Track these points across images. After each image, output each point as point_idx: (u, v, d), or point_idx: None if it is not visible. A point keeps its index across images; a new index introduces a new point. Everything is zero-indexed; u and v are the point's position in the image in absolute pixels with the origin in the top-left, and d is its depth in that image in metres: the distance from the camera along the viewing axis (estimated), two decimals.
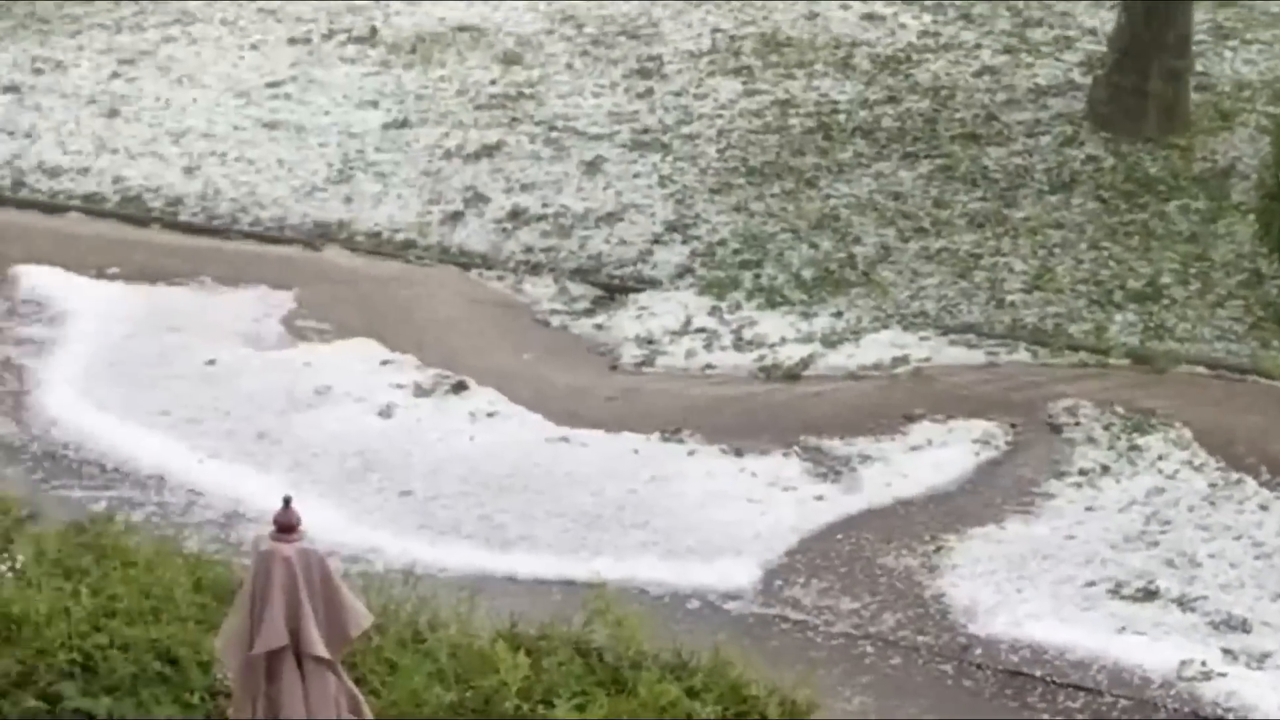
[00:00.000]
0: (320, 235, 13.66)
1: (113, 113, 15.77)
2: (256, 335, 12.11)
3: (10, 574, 7.53)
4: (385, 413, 11.08)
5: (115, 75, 16.63)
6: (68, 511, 9.01)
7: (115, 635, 7.27)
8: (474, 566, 9.53)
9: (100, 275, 13.05)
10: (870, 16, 17.58)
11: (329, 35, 17.45)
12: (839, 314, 12.35)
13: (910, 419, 11.03)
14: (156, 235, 13.85)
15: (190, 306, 12.52)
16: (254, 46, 17.28)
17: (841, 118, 15.36)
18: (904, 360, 11.78)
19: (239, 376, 11.47)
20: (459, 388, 11.35)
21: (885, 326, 12.21)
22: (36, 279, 12.91)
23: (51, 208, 14.30)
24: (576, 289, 12.91)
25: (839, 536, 9.99)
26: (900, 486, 10.42)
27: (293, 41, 17.35)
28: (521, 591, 9.21)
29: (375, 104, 15.83)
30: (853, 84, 16.04)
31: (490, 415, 11.09)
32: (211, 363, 11.65)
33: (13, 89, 16.36)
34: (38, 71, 16.77)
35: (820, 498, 10.32)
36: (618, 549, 9.77)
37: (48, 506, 9.03)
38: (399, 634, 7.45)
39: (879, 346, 11.94)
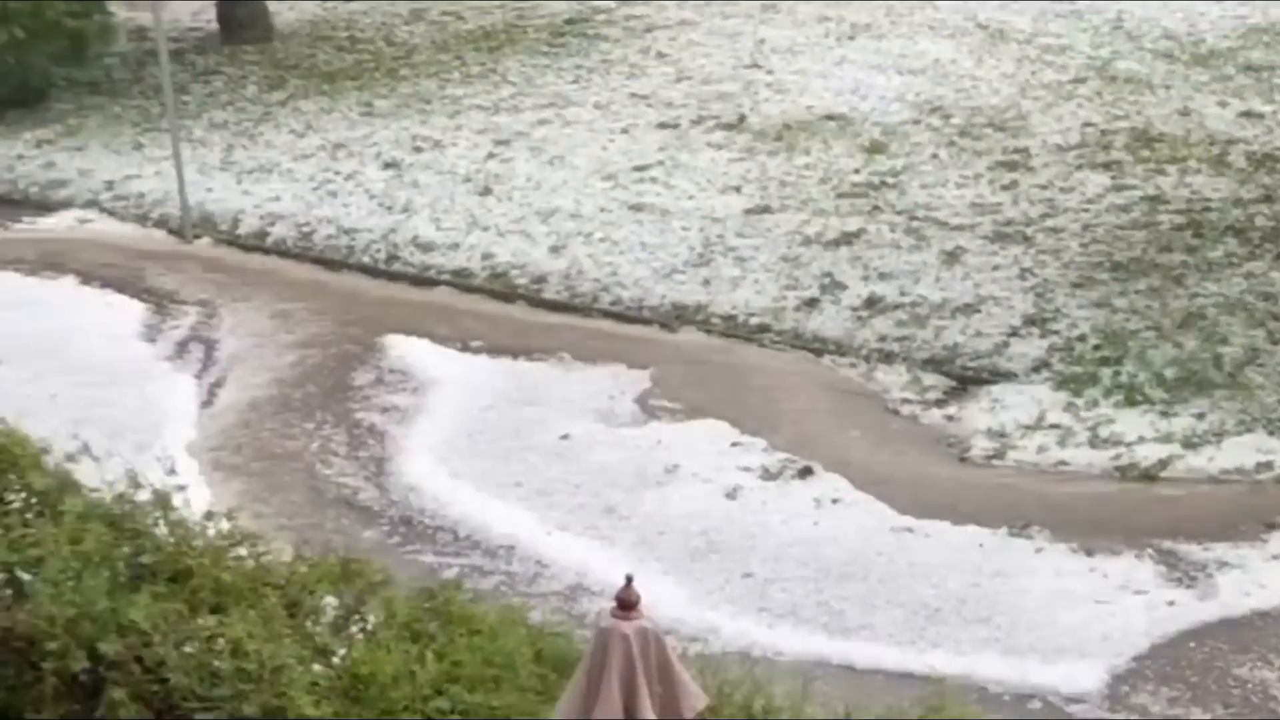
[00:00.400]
0: (677, 316, 13.84)
1: (486, 191, 16.31)
2: (610, 412, 12.31)
3: (361, 635, 7.75)
4: (731, 494, 11.13)
5: (490, 155, 17.22)
6: (419, 576, 9.26)
7: (457, 701, 7.40)
8: (811, 652, 9.44)
9: (465, 348, 13.48)
10: (1248, 114, 17.09)
11: (697, 121, 17.77)
12: (1201, 415, 11.93)
13: (1272, 527, 10.58)
14: (520, 311, 14.25)
15: (548, 381, 12.81)
16: (624, 130, 17.69)
17: (1213, 215, 14.91)
18: (1268, 466, 11.31)
19: (591, 451, 11.66)
20: (805, 473, 11.33)
21: (1250, 430, 11.73)
22: (404, 349, 13.42)
23: (422, 281, 14.87)
24: (929, 379, 12.78)
25: (1191, 644, 9.62)
26: (1259, 597, 9.98)
27: (662, 126, 17.71)
28: (857, 680, 9.10)
29: (738, 189, 16.01)
30: (1226, 181, 15.57)
31: (835, 501, 11.03)
32: (565, 437, 11.88)
33: (393, 165, 17.10)
34: (417, 149, 17.49)
35: (1172, 603, 9.95)
36: (957, 643, 9.59)
37: (401, 570, 9.30)
38: (733, 716, 7.43)
39: (1242, 450, 11.49)
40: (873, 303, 13.74)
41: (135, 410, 12.32)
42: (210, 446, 11.93)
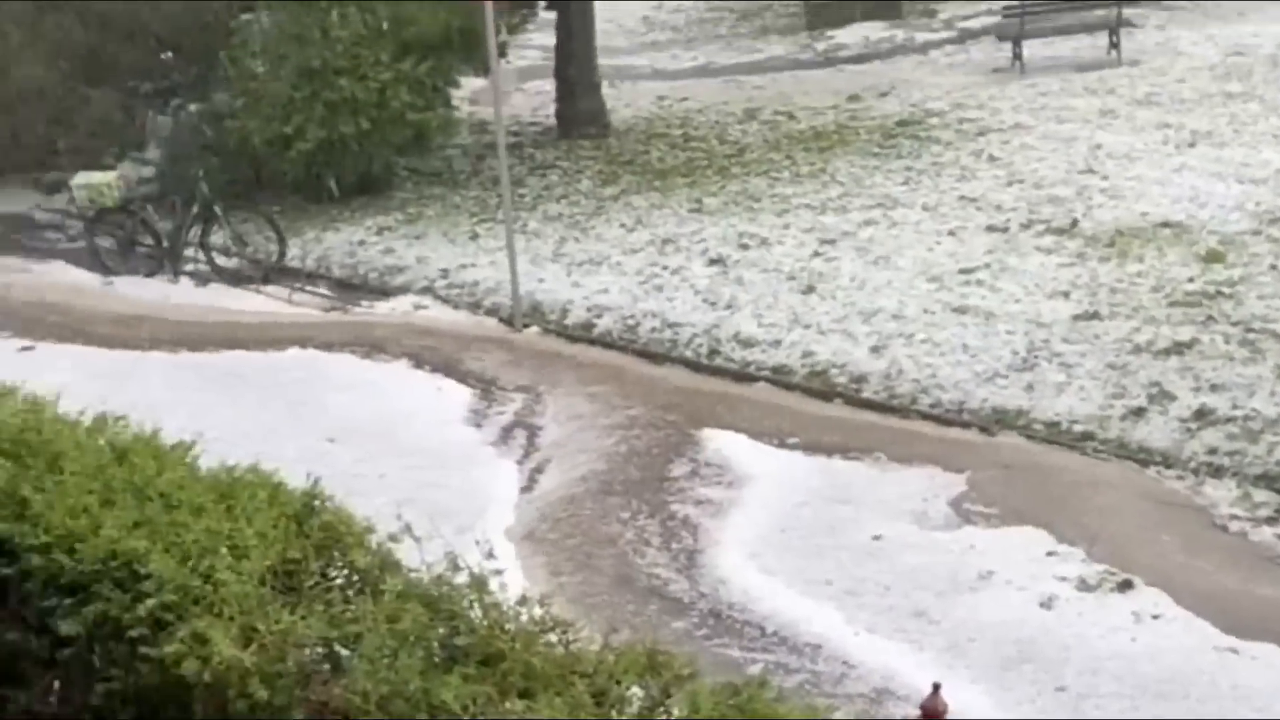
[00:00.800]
0: (997, 421, 13.66)
1: (809, 289, 16.37)
2: (924, 514, 12.18)
3: None
4: (1047, 604, 10.88)
5: (816, 254, 17.29)
6: (725, 670, 9.27)
7: None
8: None
9: (781, 444, 13.51)
10: None
11: (1027, 225, 17.58)
12: None
13: None
14: (838, 409, 14.23)
15: (862, 481, 12.75)
16: (951, 233, 17.60)
17: None
18: None
19: (902, 553, 11.55)
20: (1125, 586, 11.02)
21: None
22: (721, 443, 13.51)
23: (743, 376, 14.97)
24: (1260, 495, 12.32)
25: None
26: None
27: (990, 229, 17.57)
28: None
29: (1066, 295, 15.76)
30: None
31: (1155, 617, 10.69)
32: (878, 538, 11.80)
33: (719, 261, 17.29)
34: (744, 246, 17.67)
35: None
36: None
37: (706, 663, 9.33)
38: None
39: None
40: (1203, 415, 13.34)
41: (458, 493, 12.63)
42: (528, 531, 12.16)
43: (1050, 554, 11.46)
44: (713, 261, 17.36)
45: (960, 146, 20.48)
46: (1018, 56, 24.21)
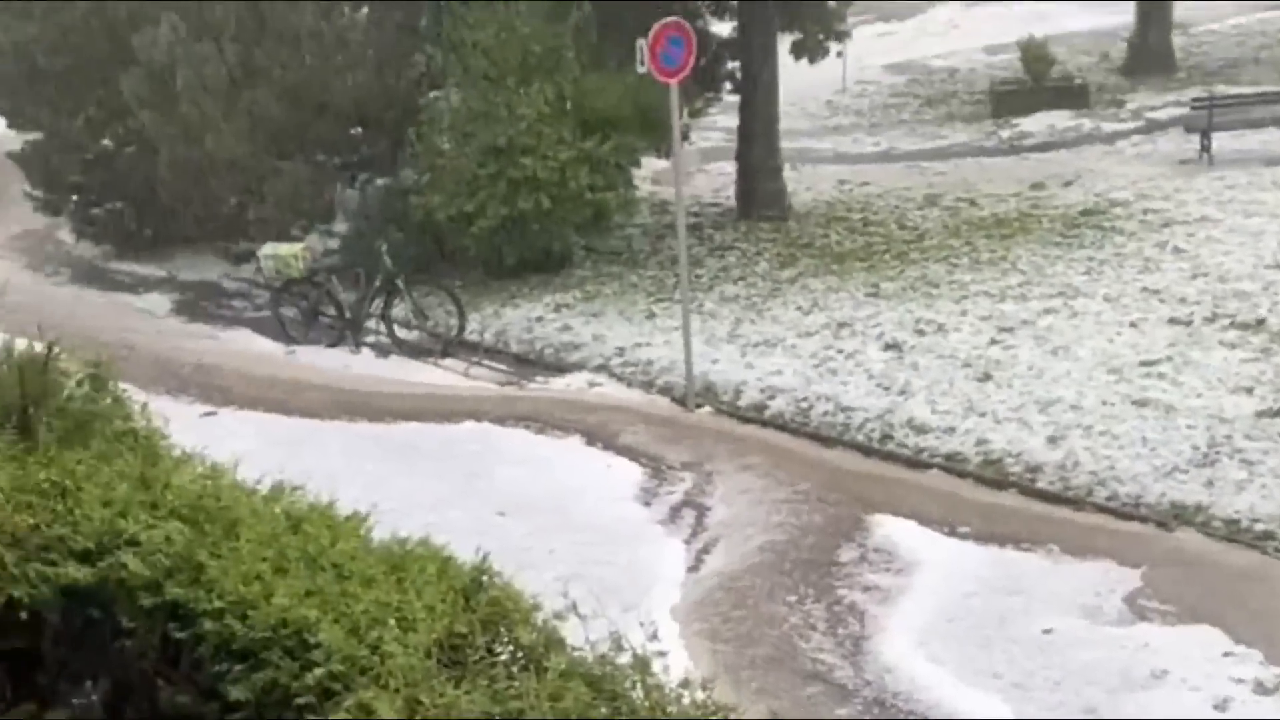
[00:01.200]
0: (1175, 516, 13.40)
1: (985, 377, 16.23)
2: (1096, 609, 11.97)
3: None
4: (1221, 706, 10.63)
5: (993, 342, 17.15)
6: None
7: None
8: None
9: (951, 532, 13.38)
10: None
11: (1211, 319, 17.29)
12: None
13: None
14: (1011, 499, 14.06)
15: (1035, 572, 12.57)
16: (1133, 324, 17.36)
17: None
18: None
19: (1074, 648, 11.35)
20: None
21: None
22: (891, 529, 13.42)
23: (915, 463, 14.87)
24: None
25: None
26: None
27: (1173, 322, 17.30)
28: None
29: (1250, 390, 15.44)
30: None
31: None
32: (1048, 631, 11.61)
33: (894, 347, 17.21)
34: (920, 332, 17.58)
35: None
36: None
37: None
38: None
39: None
40: None
41: (625, 570, 12.67)
42: (692, 612, 12.14)
43: (1227, 654, 11.20)
44: (888, 346, 17.29)
45: (1144, 238, 20.23)
46: (1206, 149, 23.89)
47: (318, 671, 5.39)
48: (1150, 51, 29.67)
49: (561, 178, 20.02)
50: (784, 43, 23.46)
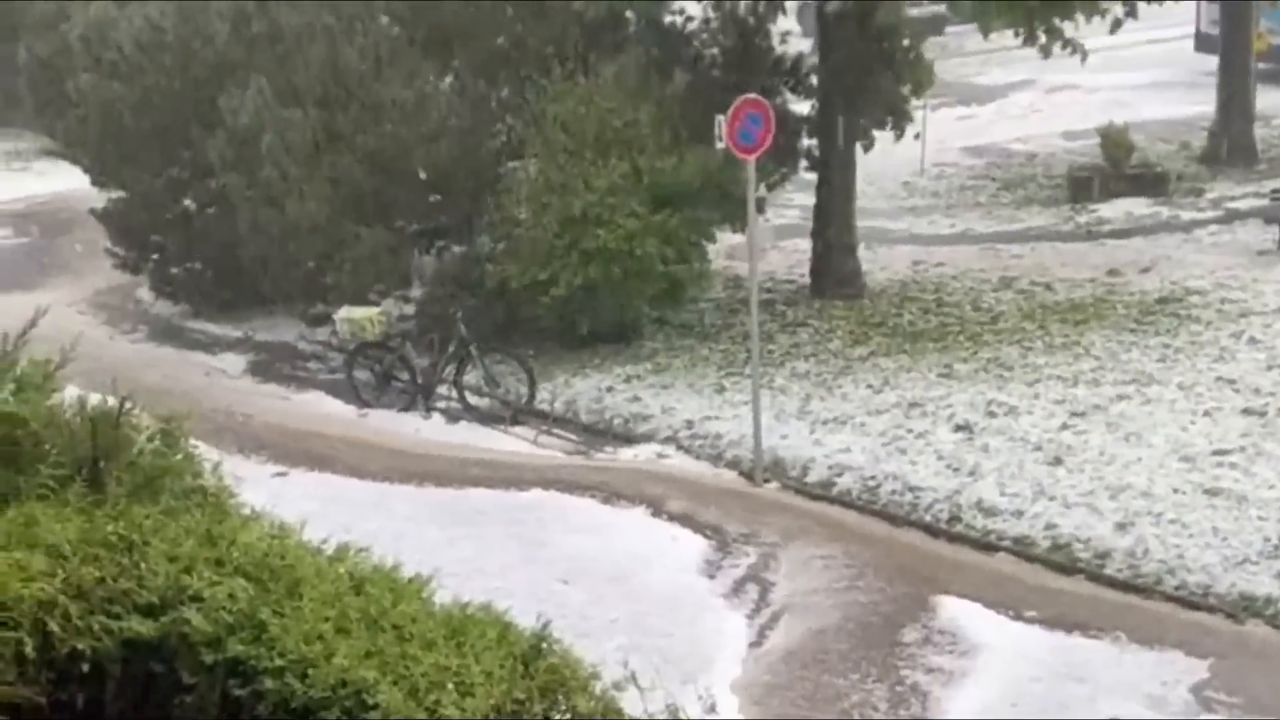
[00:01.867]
0: (1245, 608, 13.24)
1: (1056, 461, 16.12)
2: (1162, 699, 11.85)
3: None
4: None
5: (1064, 426, 17.04)
6: None
7: None
8: None
9: (1017, 616, 13.28)
10: None
11: None
12: None
13: None
14: (1078, 585, 13.94)
15: (1100, 660, 12.46)
16: (1206, 413, 17.20)
17: None
18: None
19: None
20: None
21: None
22: (956, 611, 13.33)
23: (982, 545, 14.77)
24: None
25: None
26: None
27: (1247, 412, 17.13)
28: None
29: None
30: None
31: None
32: None
33: (965, 428, 17.13)
34: (991, 414, 17.49)
35: None
36: None
37: None
38: None
39: None
40: None
41: (686, 643, 12.65)
42: (753, 687, 12.10)
43: None
44: (959, 428, 17.21)
45: (1220, 327, 20.08)
46: None
47: None
48: (1231, 141, 29.54)
49: (629, 247, 20.06)
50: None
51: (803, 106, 23.29)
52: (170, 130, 23.25)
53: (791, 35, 25.59)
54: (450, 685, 5.65)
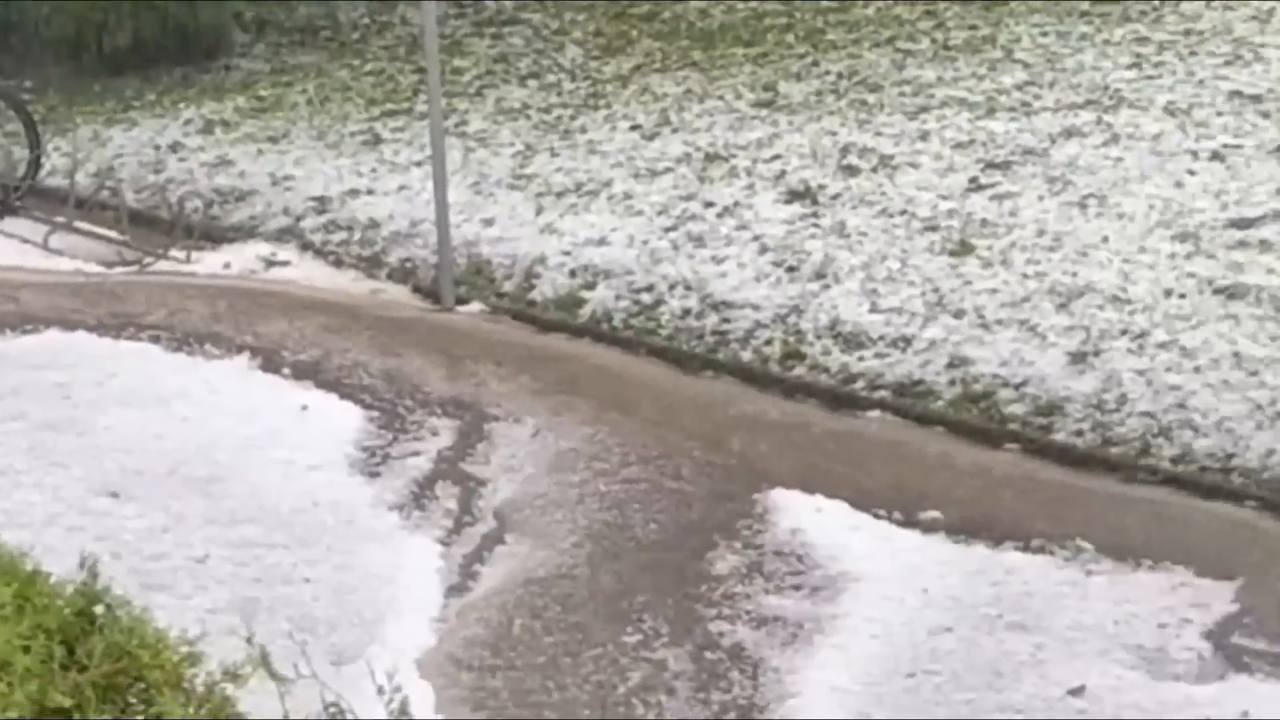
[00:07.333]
0: None
1: (962, 249, 16.53)
2: (1162, 653, 11.89)
3: None
4: None
5: (976, 186, 17.48)
6: None
7: None
8: None
9: (908, 521, 13.34)
10: None
11: None
12: None
13: None
14: (1010, 461, 14.12)
15: (1051, 590, 12.52)
16: (1216, 155, 17.75)
17: None
18: None
19: None
20: None
21: None
22: (800, 515, 13.29)
23: (842, 399, 15.01)
24: None
25: None
26: None
27: None
28: None
29: None
30: None
31: None
32: (1077, 692, 11.63)
33: (804, 195, 17.43)
34: (849, 170, 17.85)
35: None
36: None
37: None
38: None
39: None
40: None
41: (340, 594, 12.56)
42: (461, 668, 12.07)
43: None
44: (794, 195, 17.32)
45: (1233, 4, 20.42)
46: None
47: None
48: None
49: None
50: None
51: None
52: None
53: None
54: None
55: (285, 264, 17.59)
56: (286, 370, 15.59)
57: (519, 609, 12.66)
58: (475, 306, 16.62)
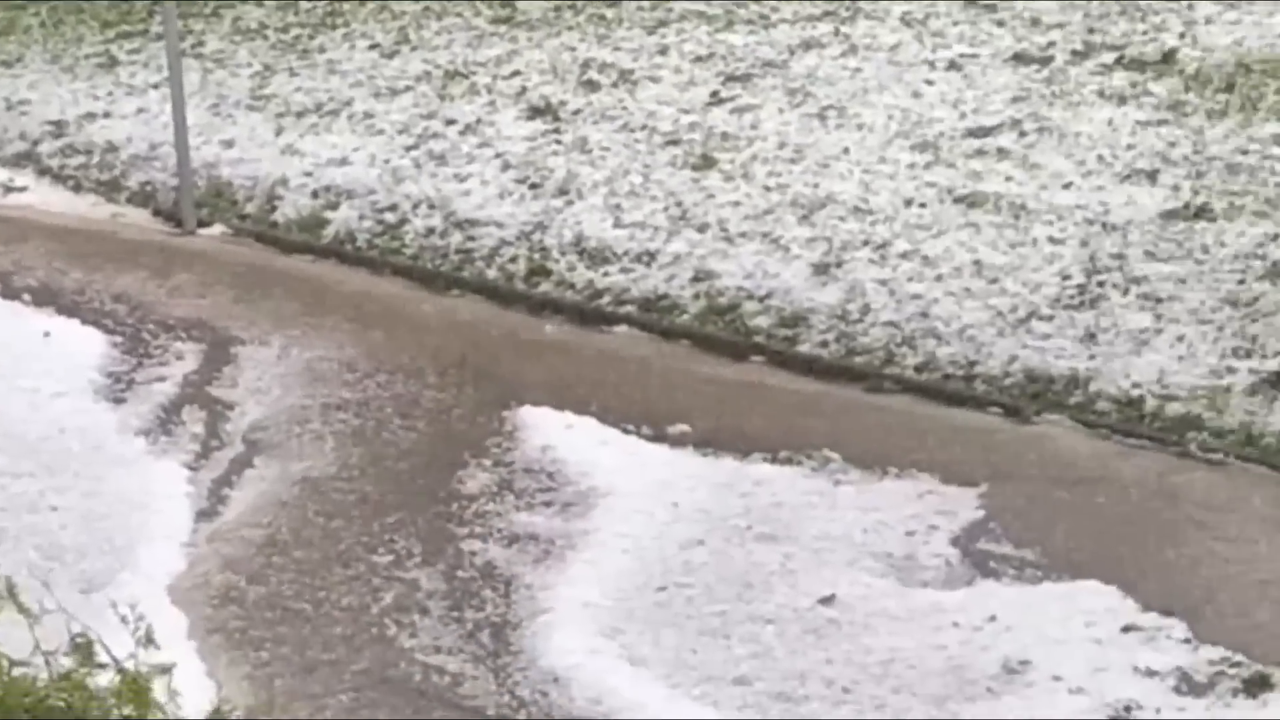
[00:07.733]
0: (1035, 396, 13.69)
1: (705, 162, 16.60)
2: (910, 559, 12.09)
3: None
4: (1122, 714, 10.91)
5: (717, 99, 17.54)
6: None
7: None
8: None
9: (656, 435, 13.45)
10: None
11: (1082, 53, 18.12)
12: None
13: None
14: (757, 373, 14.20)
15: (799, 500, 12.67)
16: (953, 64, 17.84)
17: None
18: None
19: (871, 629, 11.49)
20: (1256, 685, 11.00)
21: None
22: (550, 431, 13.42)
23: (589, 315, 15.08)
24: None
25: None
26: None
27: (1018, 59, 17.80)
28: None
29: (1152, 175, 15.93)
30: None
31: None
32: (827, 601, 11.74)
33: (545, 111, 17.52)
34: (590, 85, 17.82)
35: None
36: None
37: None
38: None
39: None
40: None
41: (85, 520, 12.47)
42: (212, 592, 12.02)
43: (1128, 630, 11.47)
44: (535, 111, 17.31)
45: None
46: None
47: None
48: None
49: None
50: None
51: None
52: None
53: None
54: None
55: (23, 189, 17.42)
56: (27, 297, 15.45)
57: (269, 532, 12.63)
58: (217, 229, 16.51)
